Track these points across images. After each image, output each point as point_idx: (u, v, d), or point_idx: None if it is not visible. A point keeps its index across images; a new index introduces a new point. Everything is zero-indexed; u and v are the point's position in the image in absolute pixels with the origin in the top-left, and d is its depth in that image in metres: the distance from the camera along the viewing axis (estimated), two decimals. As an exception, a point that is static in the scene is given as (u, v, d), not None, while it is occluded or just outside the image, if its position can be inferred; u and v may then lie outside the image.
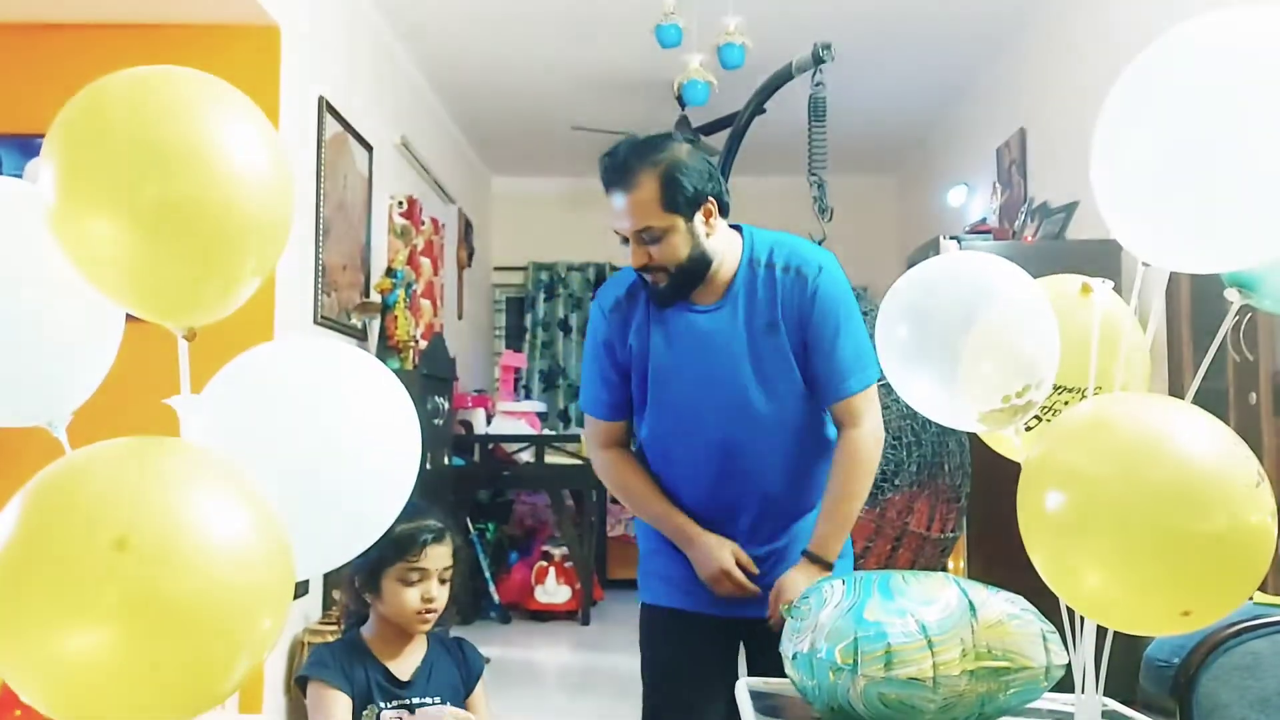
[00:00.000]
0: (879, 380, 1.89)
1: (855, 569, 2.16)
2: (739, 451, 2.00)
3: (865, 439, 2.00)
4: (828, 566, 1.95)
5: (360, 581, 1.87)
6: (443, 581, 1.87)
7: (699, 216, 1.96)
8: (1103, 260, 3.44)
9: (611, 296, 2.10)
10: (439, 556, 1.87)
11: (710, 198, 1.96)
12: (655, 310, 2.04)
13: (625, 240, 1.99)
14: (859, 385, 2.00)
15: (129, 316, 1.22)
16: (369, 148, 4.70)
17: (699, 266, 1.97)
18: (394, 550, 1.82)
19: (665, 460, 2.08)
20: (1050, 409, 1.56)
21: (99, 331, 1.24)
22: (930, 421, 3.39)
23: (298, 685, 1.86)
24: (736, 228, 2.08)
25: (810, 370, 2.01)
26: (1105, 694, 1.52)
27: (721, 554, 1.98)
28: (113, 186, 1.03)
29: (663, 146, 1.95)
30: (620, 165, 1.94)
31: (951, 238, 4.09)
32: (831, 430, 2.07)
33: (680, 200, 1.92)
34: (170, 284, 1.07)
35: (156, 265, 1.05)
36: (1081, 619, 1.43)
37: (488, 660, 2.09)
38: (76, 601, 0.95)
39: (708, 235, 1.97)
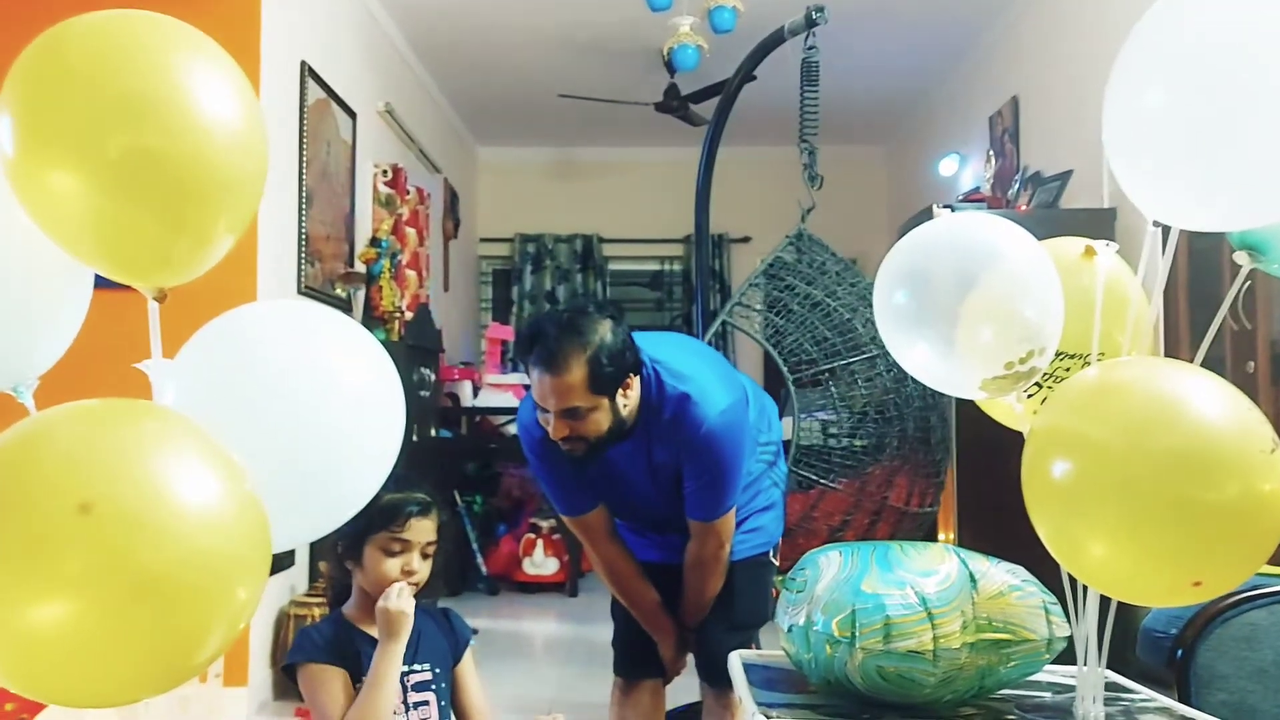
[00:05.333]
0: (724, 513, 2.25)
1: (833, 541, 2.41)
2: (649, 511, 2.35)
3: (702, 552, 2.29)
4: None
5: (343, 548, 1.85)
6: (425, 556, 1.85)
7: (619, 393, 2.07)
8: (1098, 229, 3.41)
9: (535, 420, 2.16)
10: (423, 530, 1.84)
11: (630, 374, 2.08)
12: None
13: (544, 410, 2.07)
14: (708, 517, 2.25)
15: (102, 282, 1.16)
16: (352, 115, 4.62)
17: (616, 436, 2.11)
18: (380, 519, 1.79)
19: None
20: (1052, 375, 1.52)
21: (66, 292, 1.19)
22: (914, 396, 3.38)
23: (285, 674, 1.82)
24: (638, 359, 2.13)
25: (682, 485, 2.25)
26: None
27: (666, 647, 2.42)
28: (75, 137, 0.97)
29: (589, 328, 2.03)
30: (551, 350, 2.01)
31: (945, 206, 4.04)
32: None
33: (605, 382, 2.04)
34: (138, 241, 1.02)
35: (123, 221, 1.00)
36: (1084, 590, 1.40)
37: (475, 631, 2.07)
38: (39, 570, 0.90)
39: (625, 407, 2.10)
